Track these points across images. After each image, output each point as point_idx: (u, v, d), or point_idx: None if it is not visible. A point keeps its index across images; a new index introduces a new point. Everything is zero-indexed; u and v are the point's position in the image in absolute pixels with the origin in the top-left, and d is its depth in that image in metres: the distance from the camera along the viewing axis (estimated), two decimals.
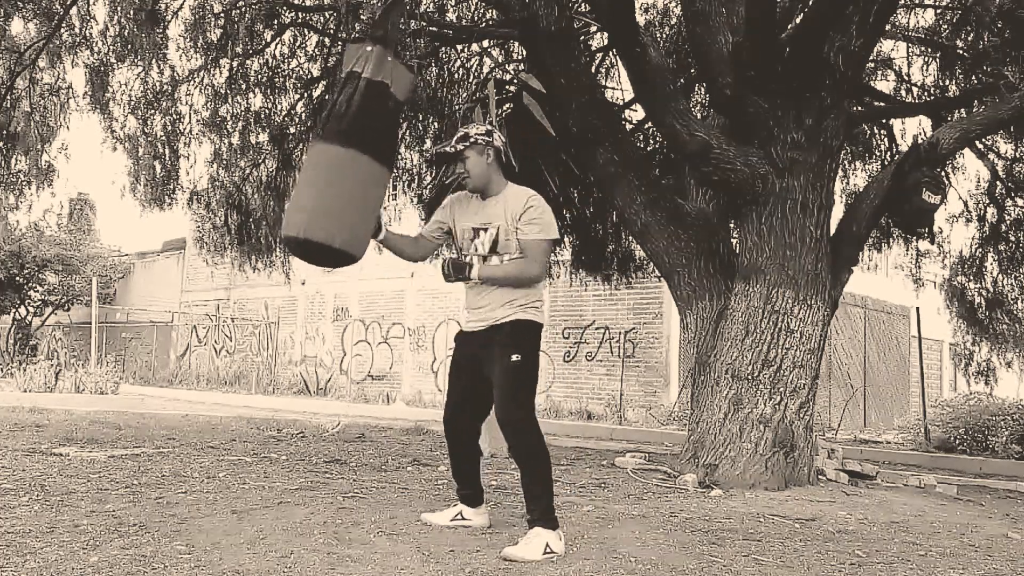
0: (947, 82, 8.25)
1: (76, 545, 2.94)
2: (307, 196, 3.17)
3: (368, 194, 3.17)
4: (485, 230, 3.36)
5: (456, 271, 3.31)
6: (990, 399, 10.75)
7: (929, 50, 8.33)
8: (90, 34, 8.19)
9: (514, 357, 3.22)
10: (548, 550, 3.04)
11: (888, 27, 7.31)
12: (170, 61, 8.29)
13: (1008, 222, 9.42)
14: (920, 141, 5.88)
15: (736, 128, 5.73)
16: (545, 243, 3.31)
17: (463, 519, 3.53)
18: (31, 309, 22.76)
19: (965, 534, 4.10)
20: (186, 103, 8.61)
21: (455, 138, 3.40)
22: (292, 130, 8.57)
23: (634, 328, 14.43)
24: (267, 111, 8.63)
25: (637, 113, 8.10)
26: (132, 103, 8.47)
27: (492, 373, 3.29)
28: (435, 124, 8.39)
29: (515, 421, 3.22)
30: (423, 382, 17.37)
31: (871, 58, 7.92)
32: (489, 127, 3.45)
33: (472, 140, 3.35)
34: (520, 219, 3.29)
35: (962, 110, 7.60)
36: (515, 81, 6.60)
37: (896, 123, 9.04)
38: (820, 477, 5.61)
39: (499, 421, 3.26)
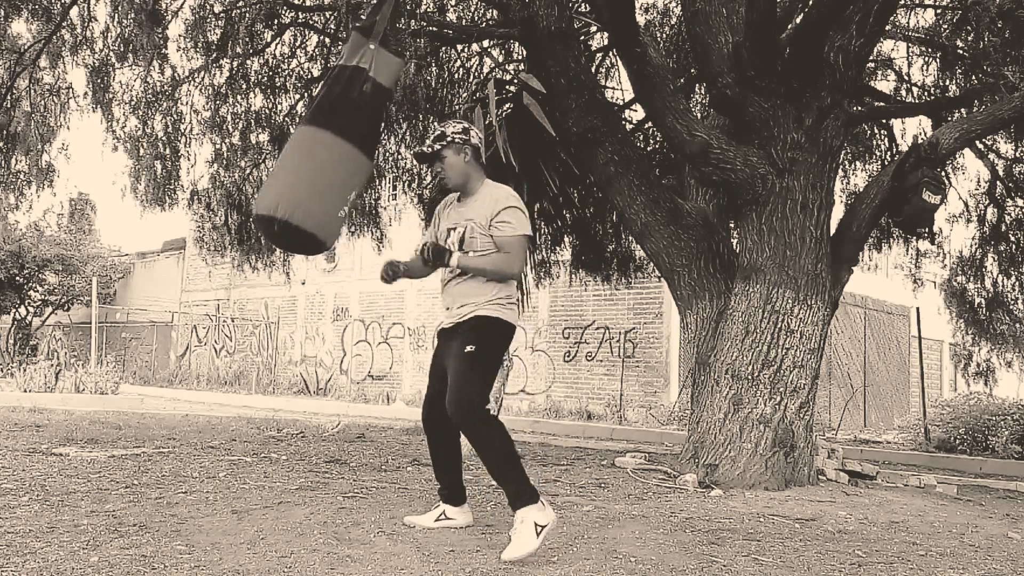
0: (947, 82, 8.25)
1: (76, 545, 2.94)
2: (270, 175, 3.24)
3: (324, 168, 3.11)
4: (455, 230, 3.39)
5: (436, 256, 3.31)
6: (990, 399, 10.76)
7: (929, 50, 8.33)
8: (91, 34, 8.19)
9: (468, 348, 3.21)
10: (539, 528, 2.98)
11: (888, 27, 7.30)
12: (171, 61, 8.31)
13: (1008, 222, 9.43)
14: (920, 141, 5.87)
15: (736, 128, 5.73)
16: (522, 238, 3.30)
17: (447, 518, 3.51)
18: (31, 309, 22.77)
19: (965, 534, 4.10)
20: (187, 103, 8.61)
21: (432, 137, 3.41)
22: (292, 130, 8.57)
23: (634, 328, 14.44)
24: (267, 111, 8.63)
25: (637, 113, 8.09)
26: (133, 103, 8.48)
27: (448, 365, 3.29)
28: (435, 124, 8.39)
29: (463, 410, 3.16)
30: (423, 382, 17.33)
31: (871, 58, 7.92)
32: (466, 125, 3.43)
33: (449, 139, 3.35)
34: (494, 217, 3.28)
35: (962, 110, 7.60)
36: (515, 81, 6.60)
37: (896, 123, 9.04)
38: (820, 477, 5.61)
39: (448, 409, 3.21)
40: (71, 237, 22.89)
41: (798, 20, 6.40)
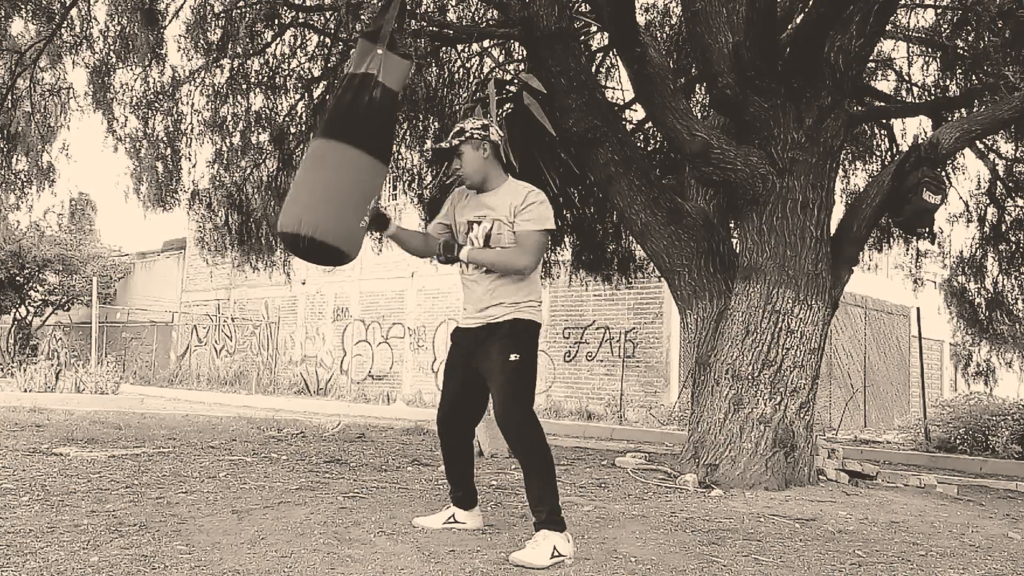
0: (947, 82, 8.25)
1: (76, 545, 2.94)
2: (289, 191, 3.27)
3: (342, 180, 3.13)
4: (479, 223, 3.33)
5: (446, 251, 3.31)
6: (990, 399, 10.75)
7: (929, 50, 8.33)
8: (91, 34, 8.19)
9: (513, 356, 3.18)
10: (556, 554, 2.97)
11: (888, 27, 7.30)
12: (171, 61, 8.33)
13: (1008, 222, 9.43)
14: (920, 141, 5.88)
15: (736, 128, 5.73)
16: (538, 234, 3.25)
17: (456, 522, 3.49)
18: (31, 309, 22.77)
19: (965, 534, 4.10)
20: (187, 103, 8.62)
21: (451, 134, 3.38)
22: (293, 130, 8.58)
23: (634, 328, 14.44)
24: (268, 111, 8.63)
25: (637, 113, 8.10)
26: (133, 103, 8.48)
27: (488, 372, 3.25)
28: (435, 124, 8.39)
29: (516, 421, 3.17)
30: (423, 382, 17.37)
31: (871, 58, 7.92)
32: (485, 121, 3.41)
33: (468, 135, 3.32)
34: (518, 211, 3.25)
35: (962, 110, 7.60)
36: (515, 81, 6.60)
37: (896, 123, 9.04)
38: (820, 477, 5.61)
39: (499, 422, 3.20)
40: (71, 237, 22.89)
41: (798, 20, 6.40)
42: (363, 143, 3.15)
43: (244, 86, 8.44)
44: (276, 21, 8.07)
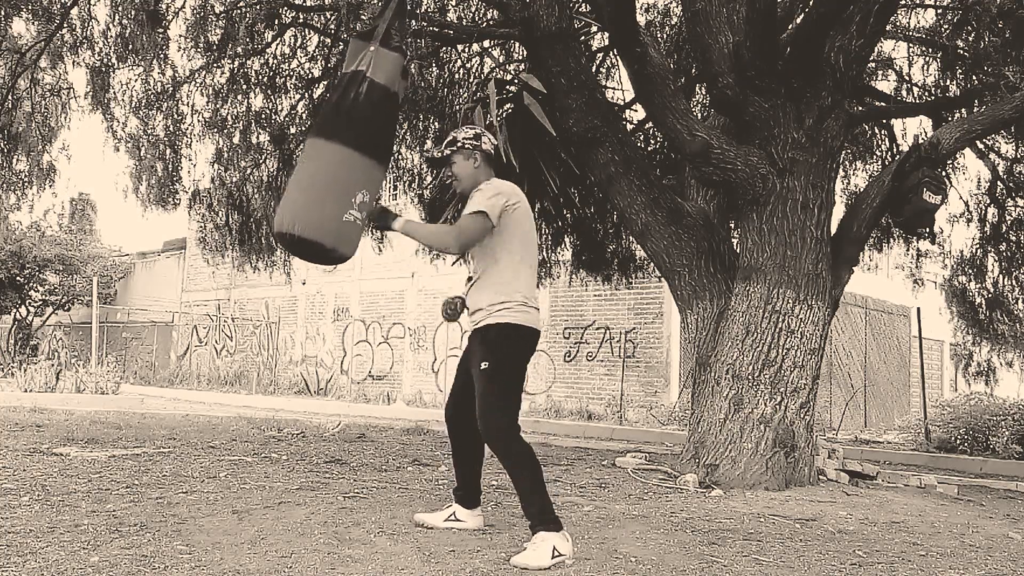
0: (948, 82, 8.25)
1: (77, 545, 2.94)
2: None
3: (320, 175, 3.14)
4: None
5: (379, 217, 3.26)
6: (990, 399, 10.75)
7: (930, 50, 8.33)
8: (91, 34, 8.20)
9: (483, 365, 3.19)
10: (556, 553, 2.97)
11: (888, 27, 7.30)
12: (171, 61, 8.32)
13: (1008, 222, 9.42)
14: (921, 141, 5.87)
15: (736, 128, 5.72)
16: (469, 216, 3.22)
17: (456, 520, 3.50)
18: (32, 309, 22.77)
19: (965, 534, 4.10)
20: (187, 103, 8.62)
21: (444, 143, 3.43)
22: (292, 130, 8.58)
23: (635, 328, 14.44)
24: (268, 111, 8.64)
25: (637, 113, 8.09)
26: (133, 103, 8.48)
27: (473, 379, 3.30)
28: (435, 124, 8.39)
29: (493, 430, 3.18)
30: (424, 382, 17.37)
31: (872, 58, 7.91)
32: (477, 130, 3.42)
33: (459, 144, 3.36)
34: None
35: (963, 110, 7.59)
36: (515, 81, 6.60)
37: (897, 123, 9.04)
38: (821, 477, 5.61)
39: (479, 430, 3.23)
40: (72, 237, 22.91)
41: (798, 20, 6.41)
42: (342, 138, 3.16)
43: (244, 86, 8.44)
44: (276, 21, 8.07)
